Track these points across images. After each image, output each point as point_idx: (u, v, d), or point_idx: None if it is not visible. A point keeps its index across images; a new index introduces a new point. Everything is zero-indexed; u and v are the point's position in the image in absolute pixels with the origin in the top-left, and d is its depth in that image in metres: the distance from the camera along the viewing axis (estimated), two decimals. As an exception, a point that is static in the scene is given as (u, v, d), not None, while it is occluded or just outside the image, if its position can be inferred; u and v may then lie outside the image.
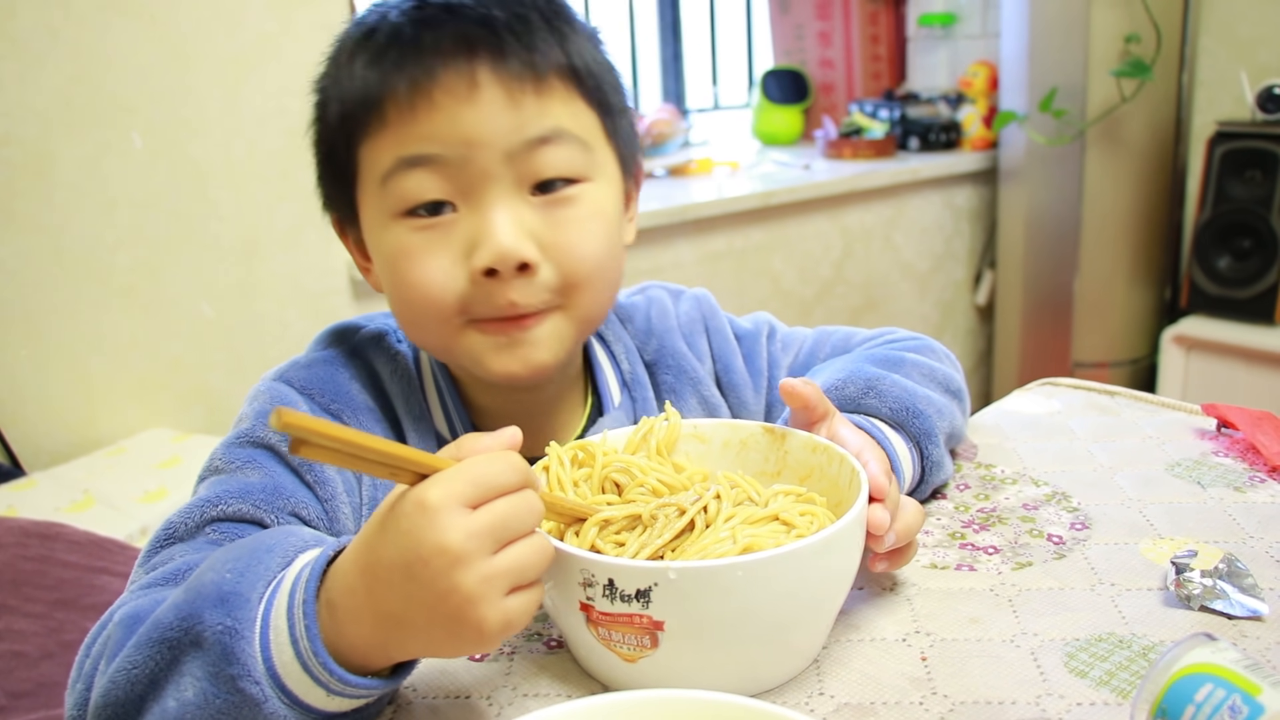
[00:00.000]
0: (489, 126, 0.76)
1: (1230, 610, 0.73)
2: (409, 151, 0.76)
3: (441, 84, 0.75)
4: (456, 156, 0.76)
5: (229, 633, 0.58)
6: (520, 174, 0.78)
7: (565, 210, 0.80)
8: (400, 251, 0.78)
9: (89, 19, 1.85)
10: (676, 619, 0.62)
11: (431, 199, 0.77)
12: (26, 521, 1.33)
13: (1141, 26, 2.84)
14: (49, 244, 1.86)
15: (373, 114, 0.77)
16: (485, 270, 0.77)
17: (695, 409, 0.96)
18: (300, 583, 0.59)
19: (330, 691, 0.58)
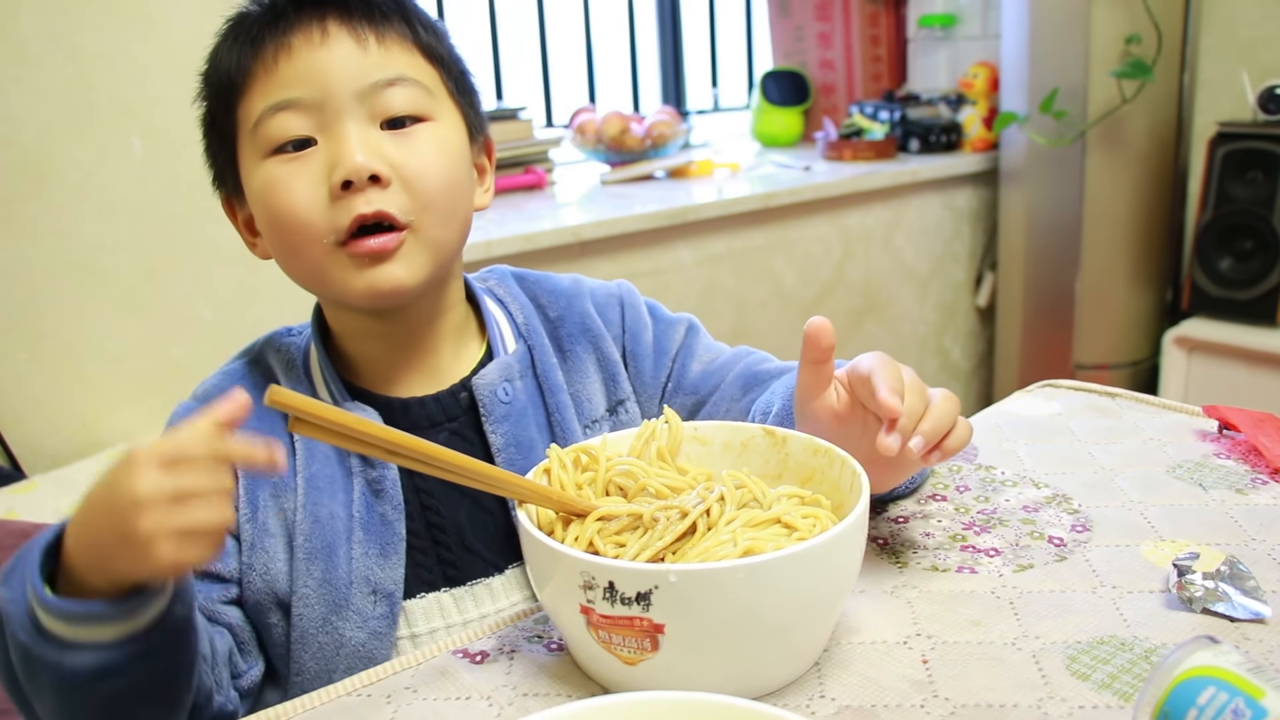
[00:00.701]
0: (340, 69, 0.86)
1: (1233, 613, 0.73)
2: (274, 99, 0.86)
3: (298, 35, 0.87)
4: (314, 98, 0.86)
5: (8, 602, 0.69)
6: (371, 111, 0.88)
7: (411, 140, 0.89)
8: (270, 184, 0.87)
9: (89, 23, 1.85)
10: (677, 622, 0.62)
11: (296, 135, 0.87)
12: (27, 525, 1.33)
13: (1142, 27, 2.84)
14: (48, 247, 1.86)
15: (244, 76, 0.88)
16: (342, 184, 0.85)
17: (591, 363, 1.02)
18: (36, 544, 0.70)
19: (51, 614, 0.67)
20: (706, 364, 1.05)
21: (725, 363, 1.05)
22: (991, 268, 3.39)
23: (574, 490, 0.76)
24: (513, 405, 0.95)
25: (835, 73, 3.59)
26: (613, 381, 1.03)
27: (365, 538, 0.89)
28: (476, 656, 0.75)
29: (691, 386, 1.04)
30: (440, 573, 0.92)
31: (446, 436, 0.95)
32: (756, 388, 1.00)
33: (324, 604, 0.88)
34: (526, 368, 0.99)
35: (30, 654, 0.69)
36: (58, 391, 1.90)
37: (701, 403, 1.03)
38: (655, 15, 3.55)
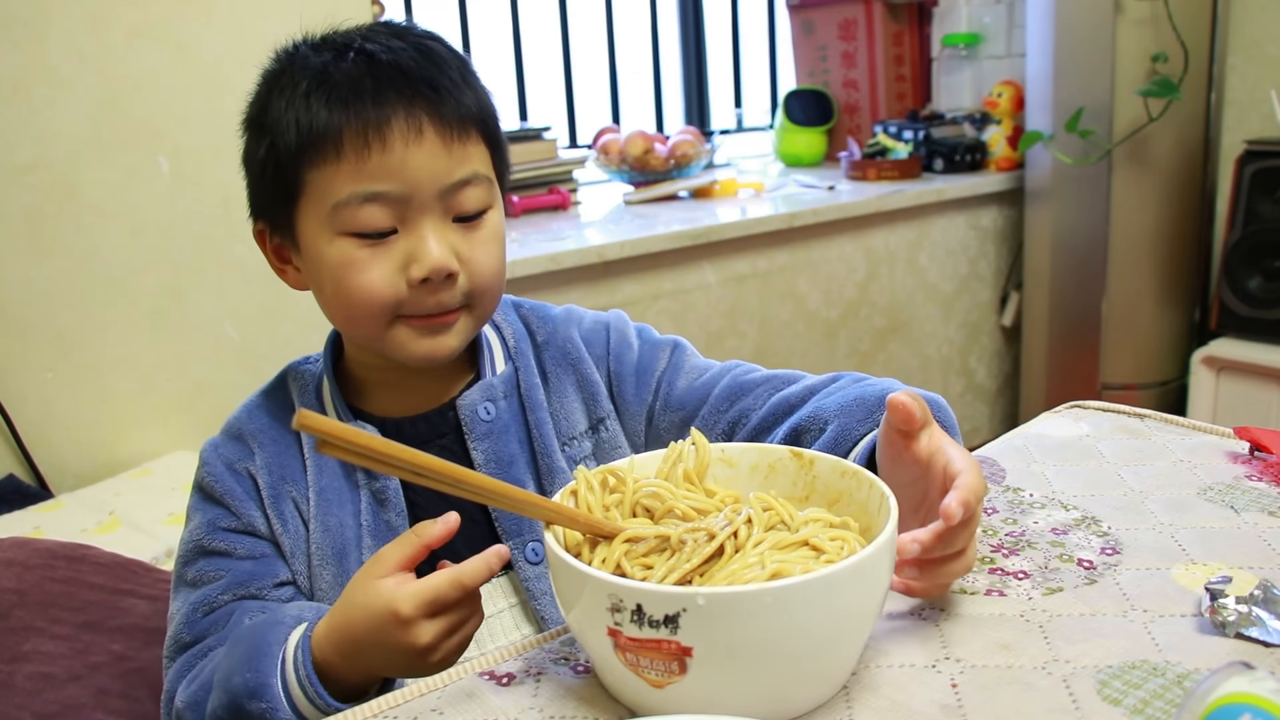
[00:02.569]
0: (428, 169, 0.92)
1: (1267, 638, 0.72)
2: (365, 188, 0.91)
3: (395, 130, 0.90)
4: (402, 193, 0.91)
5: (268, 713, 0.81)
6: (446, 206, 0.94)
7: (476, 233, 0.96)
8: (346, 263, 0.93)
9: (118, 46, 1.87)
10: (705, 645, 0.61)
11: (382, 228, 0.92)
12: (53, 543, 1.33)
13: (1169, 45, 2.83)
14: (76, 267, 1.88)
15: (329, 147, 0.91)
16: (421, 280, 0.92)
17: (571, 384, 1.08)
18: (300, 662, 0.82)
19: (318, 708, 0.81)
20: (692, 380, 1.08)
21: (712, 377, 1.08)
22: (1017, 287, 3.38)
23: (601, 512, 0.76)
24: (494, 423, 1.02)
25: (859, 92, 3.59)
26: (593, 400, 1.08)
27: (374, 544, 0.97)
28: (503, 679, 0.75)
29: (678, 402, 1.07)
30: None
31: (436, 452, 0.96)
32: (744, 396, 1.04)
33: None
34: (511, 388, 1.06)
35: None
36: (84, 410, 1.92)
37: (689, 418, 1.06)
38: (679, 35, 3.56)
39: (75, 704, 1.19)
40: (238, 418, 1.04)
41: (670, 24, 3.54)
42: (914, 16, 3.58)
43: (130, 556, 1.40)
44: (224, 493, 0.98)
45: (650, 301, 2.54)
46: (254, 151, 0.97)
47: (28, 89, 1.80)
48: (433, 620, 0.78)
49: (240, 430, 1.03)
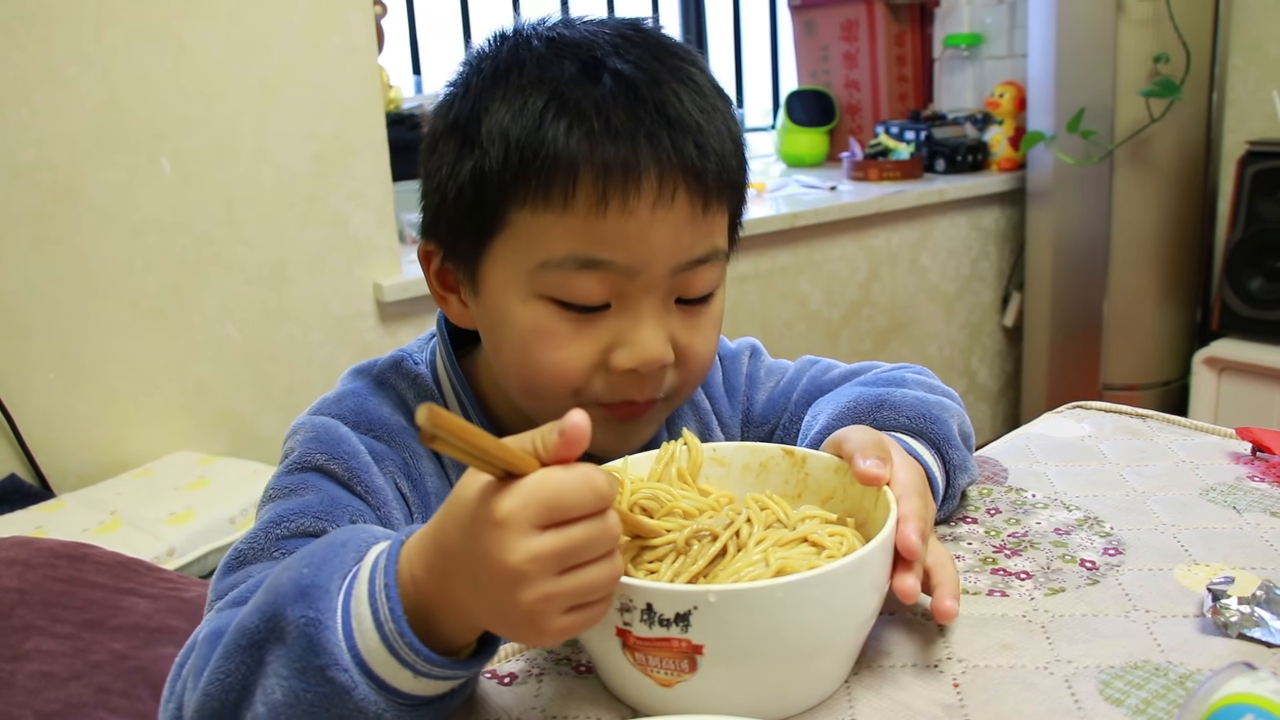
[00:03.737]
0: (669, 243, 0.76)
1: (1269, 638, 0.72)
2: (589, 254, 0.75)
3: (646, 189, 0.73)
4: (630, 267, 0.75)
5: (313, 624, 0.58)
6: (673, 286, 0.79)
7: (700, 320, 0.82)
8: (542, 333, 0.78)
9: (120, 46, 1.87)
10: (716, 642, 0.62)
11: (594, 303, 0.77)
12: (55, 542, 1.34)
13: (1170, 46, 2.83)
14: (78, 267, 1.88)
15: (556, 189, 0.73)
16: (627, 370, 0.78)
17: (688, 414, 0.98)
18: (379, 568, 0.60)
19: (417, 672, 0.59)
20: (771, 390, 1.02)
21: (789, 382, 1.02)
22: (1018, 288, 3.38)
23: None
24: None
25: (861, 93, 3.59)
26: (706, 430, 0.99)
27: None
28: (505, 679, 0.75)
29: (760, 418, 1.02)
30: None
31: None
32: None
33: None
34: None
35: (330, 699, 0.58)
36: (85, 410, 1.92)
37: (773, 429, 1.01)
38: (680, 36, 3.55)
39: (76, 702, 1.19)
40: (361, 407, 0.86)
41: (672, 24, 3.54)
42: (916, 17, 3.58)
43: (132, 556, 1.40)
44: (369, 489, 0.80)
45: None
46: (449, 164, 0.79)
47: (30, 90, 1.80)
48: (543, 534, 0.55)
49: (376, 427, 0.85)
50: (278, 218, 2.08)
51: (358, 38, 2.12)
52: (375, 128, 2.18)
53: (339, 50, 2.10)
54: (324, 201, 2.12)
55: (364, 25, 2.13)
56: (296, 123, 2.07)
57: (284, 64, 2.04)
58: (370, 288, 2.20)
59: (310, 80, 2.07)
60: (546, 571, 0.55)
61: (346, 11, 2.10)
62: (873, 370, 1.02)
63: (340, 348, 2.17)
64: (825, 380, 1.00)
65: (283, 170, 2.07)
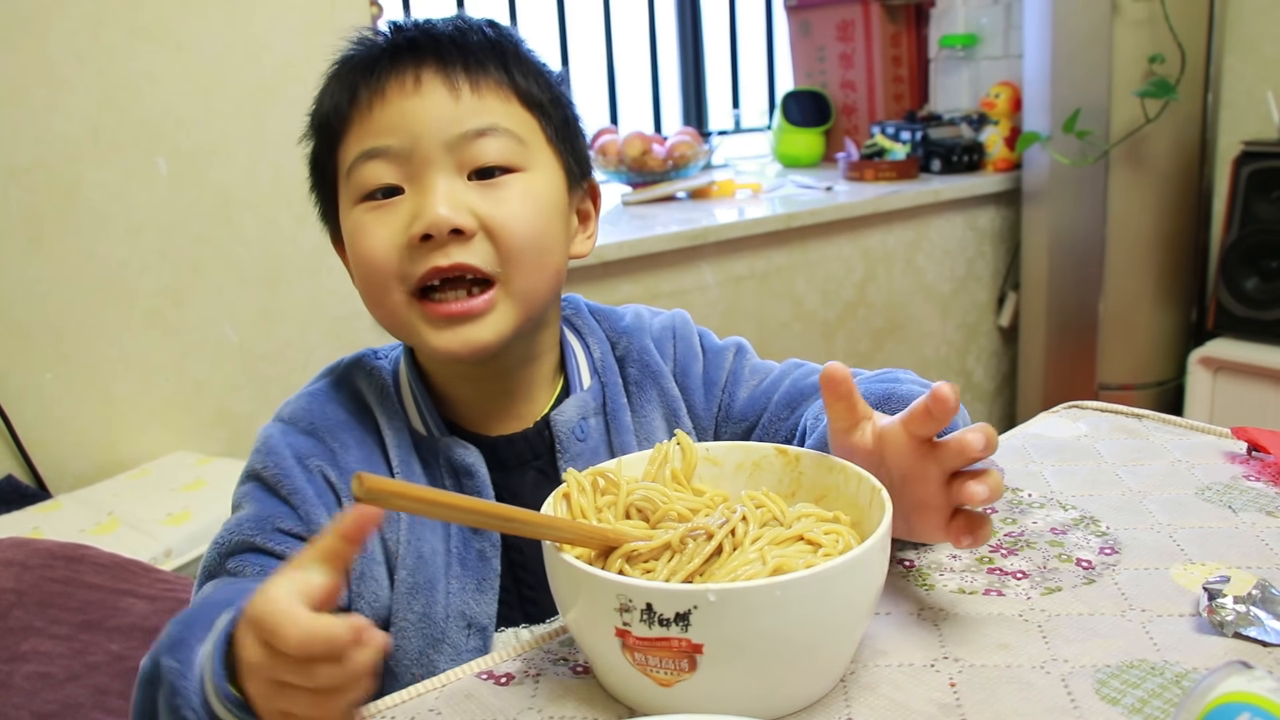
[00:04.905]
0: (430, 119, 0.86)
1: (1265, 637, 0.72)
2: (366, 145, 0.87)
3: (392, 84, 0.87)
4: (403, 146, 0.86)
5: (174, 672, 0.68)
6: (459, 161, 0.87)
7: (500, 191, 0.88)
8: (356, 229, 0.88)
9: (117, 46, 1.87)
10: (716, 642, 0.62)
11: (384, 184, 0.87)
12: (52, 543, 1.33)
13: (1165, 46, 2.84)
14: (75, 268, 1.88)
15: (341, 121, 0.89)
16: (421, 236, 0.85)
17: (655, 400, 1.02)
18: (218, 634, 0.66)
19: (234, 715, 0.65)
20: (753, 388, 1.04)
21: (771, 383, 1.03)
22: (1014, 288, 3.38)
23: (594, 514, 0.76)
24: (586, 443, 0.96)
25: (857, 93, 3.59)
26: (673, 417, 1.02)
27: (463, 572, 0.90)
28: (501, 679, 0.75)
29: (740, 414, 1.03)
30: (521, 609, 0.94)
31: (534, 476, 0.96)
32: (804, 403, 0.99)
33: (422, 638, 0.89)
34: (600, 405, 0.99)
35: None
36: (82, 411, 1.92)
37: (751, 427, 1.02)
38: (676, 36, 3.56)
39: (73, 703, 1.19)
40: (306, 409, 0.94)
41: (668, 25, 3.54)
42: (911, 17, 3.58)
43: (129, 557, 1.40)
44: (291, 491, 0.88)
45: (648, 302, 2.52)
46: (310, 153, 0.95)
47: (27, 90, 1.80)
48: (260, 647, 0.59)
49: (313, 422, 0.93)
50: (275, 218, 2.08)
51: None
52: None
53: (335, 49, 2.09)
54: (320, 202, 2.11)
55: (360, 26, 2.13)
56: (293, 123, 2.04)
57: (280, 64, 2.04)
58: (367, 288, 2.19)
59: (307, 80, 2.04)
60: (260, 678, 0.60)
61: (343, 12, 2.10)
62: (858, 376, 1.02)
63: (337, 348, 2.17)
64: (807, 384, 1.01)
65: (279, 170, 2.07)
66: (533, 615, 0.94)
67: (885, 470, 0.76)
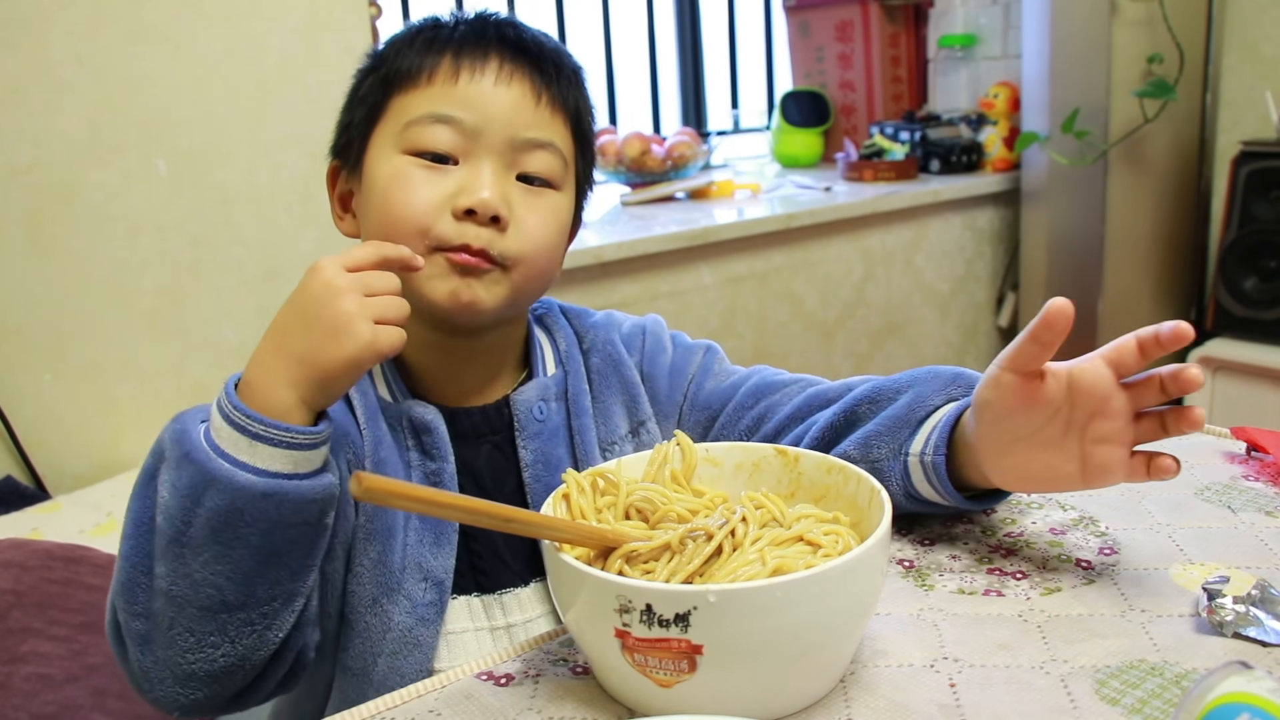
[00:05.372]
0: (508, 113, 0.92)
1: (1265, 638, 0.72)
2: (442, 110, 0.92)
3: (489, 66, 0.93)
4: (474, 125, 0.92)
5: (180, 434, 0.79)
6: (513, 160, 0.94)
7: (536, 199, 0.95)
8: (399, 176, 0.92)
9: (116, 47, 1.87)
10: (716, 642, 0.62)
11: (443, 150, 0.92)
12: (51, 544, 1.34)
13: (1164, 46, 2.84)
14: (75, 269, 1.87)
15: (420, 75, 0.93)
16: (466, 209, 0.90)
17: (616, 387, 1.06)
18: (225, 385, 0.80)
19: (250, 436, 0.76)
20: (720, 381, 1.08)
21: (739, 378, 1.08)
22: (1013, 288, 3.38)
23: (594, 515, 0.76)
24: (545, 424, 1.00)
25: (855, 93, 3.60)
26: (634, 404, 1.06)
27: (420, 525, 0.94)
28: (501, 679, 0.75)
29: (704, 403, 1.07)
30: (473, 579, 0.96)
31: (489, 449, 1.00)
32: (770, 394, 1.04)
33: (375, 585, 0.91)
34: (562, 391, 1.03)
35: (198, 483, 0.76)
36: (82, 412, 1.92)
37: (715, 416, 1.06)
38: (675, 37, 3.56)
39: (72, 704, 1.19)
40: None
41: (667, 25, 3.54)
42: (910, 18, 3.58)
43: (128, 558, 1.40)
44: None
45: (647, 303, 2.54)
46: (355, 90, 0.99)
47: (26, 91, 1.80)
48: (347, 271, 0.79)
49: None
50: (274, 219, 2.08)
51: (353, 39, 2.12)
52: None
53: (334, 51, 2.10)
54: (320, 202, 2.11)
55: (359, 26, 2.14)
56: (292, 124, 2.07)
57: (280, 65, 2.04)
58: (366, 289, 2.19)
59: (306, 81, 2.07)
60: (355, 289, 0.78)
61: (342, 13, 2.10)
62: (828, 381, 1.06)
63: (336, 349, 2.17)
64: (776, 380, 1.06)
65: (278, 171, 2.07)
66: (485, 585, 0.97)
67: (1069, 411, 0.83)
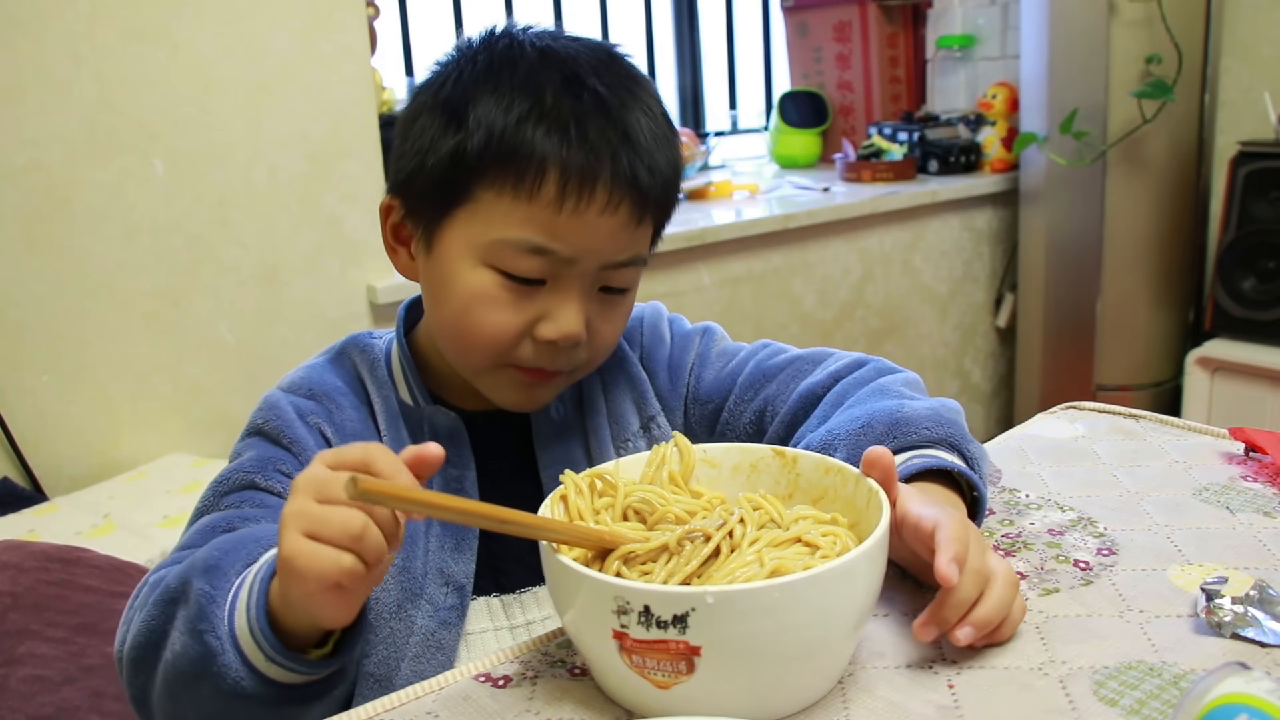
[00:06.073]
0: (606, 244, 0.88)
1: (1263, 638, 0.72)
2: (541, 242, 0.86)
3: (598, 199, 0.85)
4: (570, 257, 0.87)
5: (206, 597, 0.73)
6: (598, 278, 0.90)
7: (613, 310, 0.94)
8: (482, 296, 0.88)
9: (114, 47, 1.87)
10: (714, 644, 0.62)
11: (535, 278, 0.88)
12: (48, 546, 1.33)
13: (1162, 47, 2.84)
14: (72, 269, 1.87)
15: (525, 181, 0.85)
16: (549, 340, 0.89)
17: (623, 383, 1.05)
18: (265, 568, 0.72)
19: (267, 657, 0.71)
20: (719, 370, 1.07)
21: (738, 364, 1.06)
22: (1011, 288, 3.38)
23: (591, 516, 0.76)
24: (561, 424, 1.01)
25: (854, 94, 3.60)
26: (641, 399, 1.05)
27: (442, 531, 0.94)
28: (499, 681, 0.75)
29: (706, 395, 1.06)
30: (492, 579, 0.97)
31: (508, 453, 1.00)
32: (768, 384, 1.03)
33: (400, 590, 0.92)
34: (575, 391, 1.03)
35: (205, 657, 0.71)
36: (79, 413, 1.91)
37: (719, 409, 1.05)
38: (673, 37, 3.56)
39: (69, 706, 1.19)
40: (305, 377, 0.99)
41: (665, 25, 3.54)
42: (908, 18, 3.58)
43: (125, 559, 1.40)
44: (292, 440, 0.93)
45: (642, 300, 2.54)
46: (431, 135, 0.89)
47: (23, 91, 1.80)
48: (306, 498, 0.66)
49: (312, 388, 0.98)
50: (271, 219, 2.07)
51: (351, 39, 2.12)
52: (369, 129, 2.17)
53: (333, 52, 2.10)
54: (317, 203, 2.12)
55: (357, 27, 2.13)
56: (290, 124, 2.07)
57: (278, 65, 2.03)
58: (364, 289, 2.19)
59: (304, 81, 2.07)
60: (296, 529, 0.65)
61: (340, 13, 2.10)
62: (825, 363, 1.03)
63: (334, 349, 2.17)
64: (770, 365, 1.04)
65: (276, 171, 2.06)
66: (504, 585, 0.97)
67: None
